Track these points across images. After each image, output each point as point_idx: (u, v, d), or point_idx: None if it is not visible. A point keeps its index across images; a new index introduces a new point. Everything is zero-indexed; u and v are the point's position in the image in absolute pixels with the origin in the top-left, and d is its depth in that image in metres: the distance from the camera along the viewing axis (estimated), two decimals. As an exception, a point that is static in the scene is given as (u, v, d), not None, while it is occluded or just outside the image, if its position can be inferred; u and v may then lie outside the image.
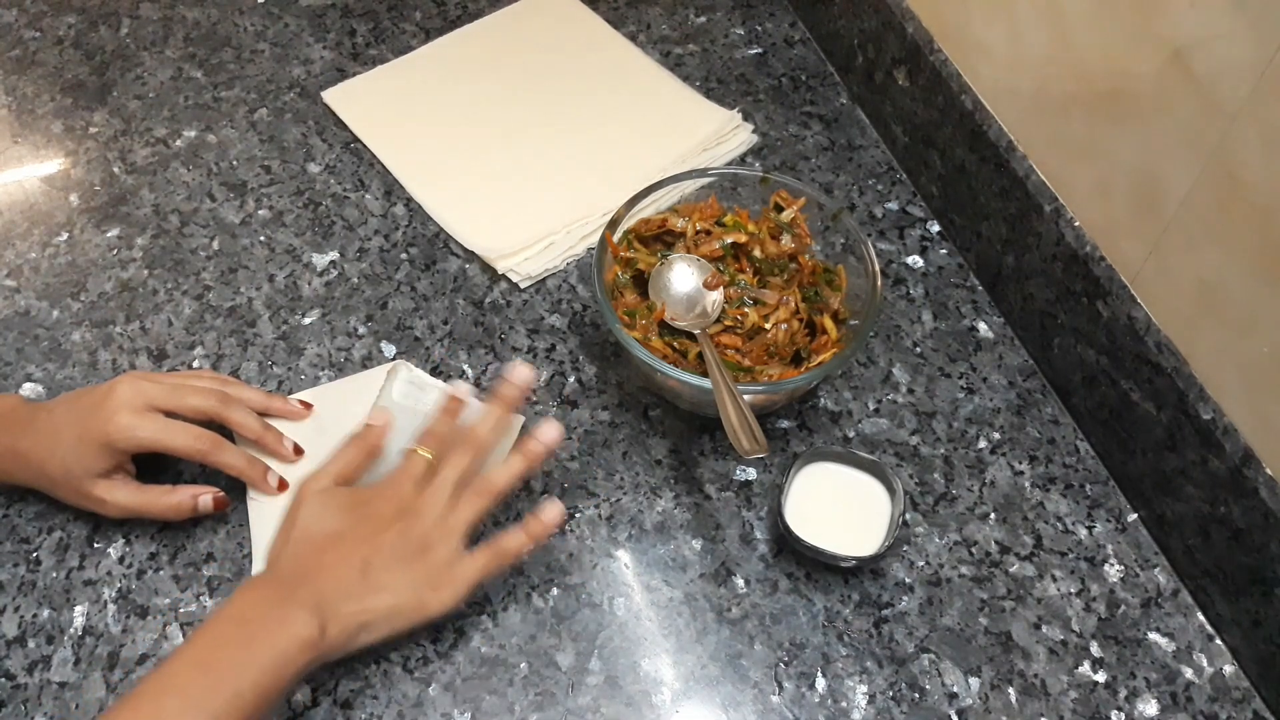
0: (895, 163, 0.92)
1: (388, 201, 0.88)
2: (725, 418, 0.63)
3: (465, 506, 0.61)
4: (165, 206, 0.87)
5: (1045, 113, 0.73)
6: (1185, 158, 0.62)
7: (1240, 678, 0.64)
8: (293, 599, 0.55)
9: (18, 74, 0.98)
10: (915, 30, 0.85)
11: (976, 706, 0.62)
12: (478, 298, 0.82)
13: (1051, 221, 0.73)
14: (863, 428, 0.75)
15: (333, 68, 0.99)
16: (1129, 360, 0.68)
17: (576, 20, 1.03)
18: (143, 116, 0.94)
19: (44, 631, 0.64)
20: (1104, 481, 0.72)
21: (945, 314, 0.81)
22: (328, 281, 0.82)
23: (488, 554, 0.61)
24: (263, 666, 0.53)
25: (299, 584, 0.57)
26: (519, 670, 0.63)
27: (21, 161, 0.91)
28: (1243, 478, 0.60)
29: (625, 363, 0.78)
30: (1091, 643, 0.65)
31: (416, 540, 0.59)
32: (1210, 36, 0.58)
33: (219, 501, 0.67)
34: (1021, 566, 0.68)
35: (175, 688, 0.51)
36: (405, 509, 0.60)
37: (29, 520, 0.69)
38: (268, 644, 0.53)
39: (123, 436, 0.63)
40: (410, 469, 0.62)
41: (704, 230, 0.76)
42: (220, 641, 0.54)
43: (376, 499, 0.61)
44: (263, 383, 0.76)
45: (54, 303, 0.81)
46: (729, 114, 0.94)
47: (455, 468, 0.61)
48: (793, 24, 1.04)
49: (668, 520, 0.70)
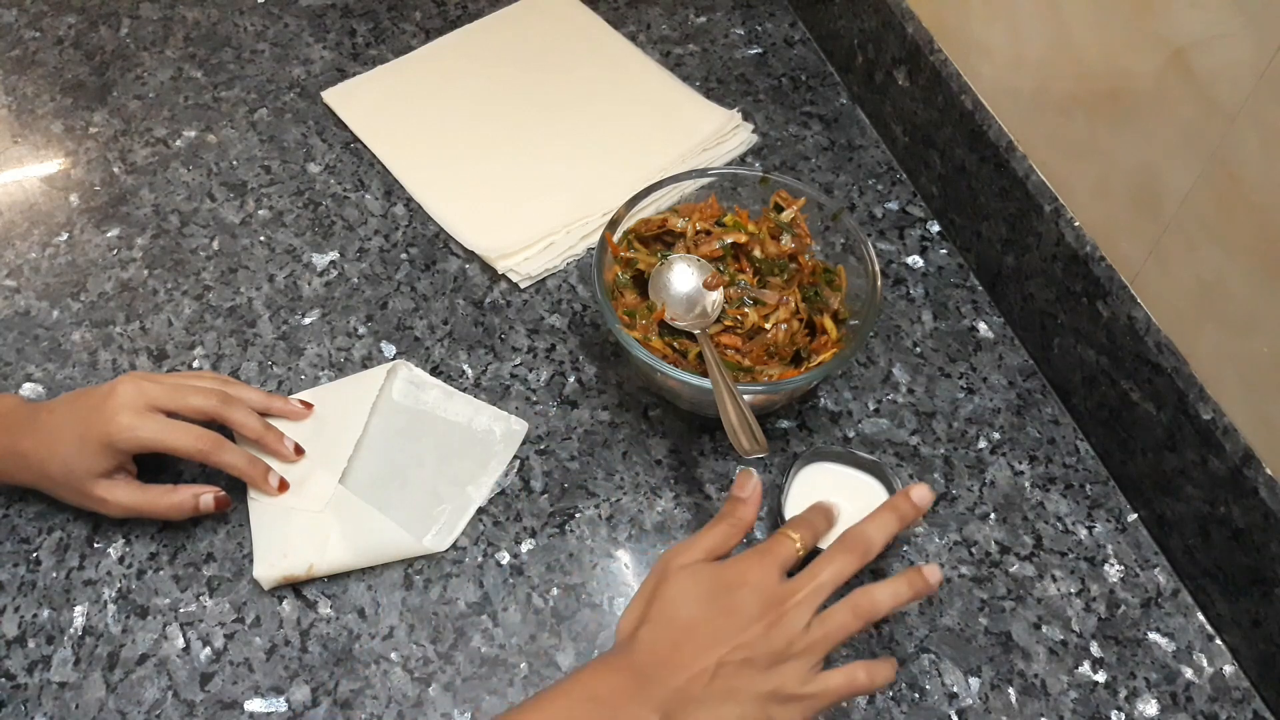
0: (895, 163, 0.92)
1: (388, 201, 0.88)
2: (725, 418, 0.63)
3: (836, 625, 0.54)
4: (165, 206, 0.87)
5: (1045, 113, 0.73)
6: (1185, 158, 0.62)
7: (1240, 678, 0.64)
8: (647, 697, 0.52)
9: (18, 74, 0.98)
10: (915, 30, 0.85)
11: (976, 706, 0.62)
12: (478, 298, 0.82)
13: (1051, 221, 0.73)
14: (863, 428, 0.75)
15: (333, 68, 0.99)
16: (1129, 360, 0.68)
17: (576, 20, 1.03)
18: (143, 116, 0.94)
19: (44, 631, 0.64)
20: (1104, 481, 0.72)
21: (945, 314, 0.81)
22: (328, 281, 0.82)
23: (846, 678, 0.54)
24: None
25: (653, 678, 0.52)
26: (519, 670, 0.63)
27: (21, 161, 0.91)
28: (1243, 478, 0.60)
29: (625, 363, 0.78)
30: (1091, 643, 0.65)
31: (777, 648, 0.53)
32: (1210, 36, 0.58)
33: (220, 501, 0.67)
34: (1021, 566, 0.68)
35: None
36: (770, 605, 0.54)
37: (29, 520, 0.69)
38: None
39: (124, 437, 0.63)
40: (779, 553, 0.56)
41: (704, 230, 0.76)
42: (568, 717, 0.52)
43: (743, 587, 0.55)
44: (263, 383, 0.76)
45: (54, 303, 0.81)
46: (729, 114, 0.94)
47: (835, 571, 0.55)
48: (793, 24, 1.04)
49: (668, 520, 0.70)
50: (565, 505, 0.70)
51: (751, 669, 0.53)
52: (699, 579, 0.55)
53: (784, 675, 0.53)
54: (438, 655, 0.64)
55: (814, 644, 0.53)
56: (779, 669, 0.53)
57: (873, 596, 0.55)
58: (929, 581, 0.56)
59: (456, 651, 0.64)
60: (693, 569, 0.56)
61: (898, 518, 0.57)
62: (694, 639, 0.53)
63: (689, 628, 0.54)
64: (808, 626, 0.53)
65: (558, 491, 0.71)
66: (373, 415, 0.72)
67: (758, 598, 0.54)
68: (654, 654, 0.53)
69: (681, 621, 0.54)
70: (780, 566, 0.56)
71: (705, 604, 0.54)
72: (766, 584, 0.55)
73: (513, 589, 0.66)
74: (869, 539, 0.56)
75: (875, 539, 0.56)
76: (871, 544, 0.56)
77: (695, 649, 0.53)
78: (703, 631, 0.54)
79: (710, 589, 0.55)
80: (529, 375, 0.77)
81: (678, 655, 0.53)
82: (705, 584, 0.55)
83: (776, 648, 0.53)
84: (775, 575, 0.55)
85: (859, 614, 0.54)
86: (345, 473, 0.69)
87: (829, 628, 0.54)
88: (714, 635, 0.53)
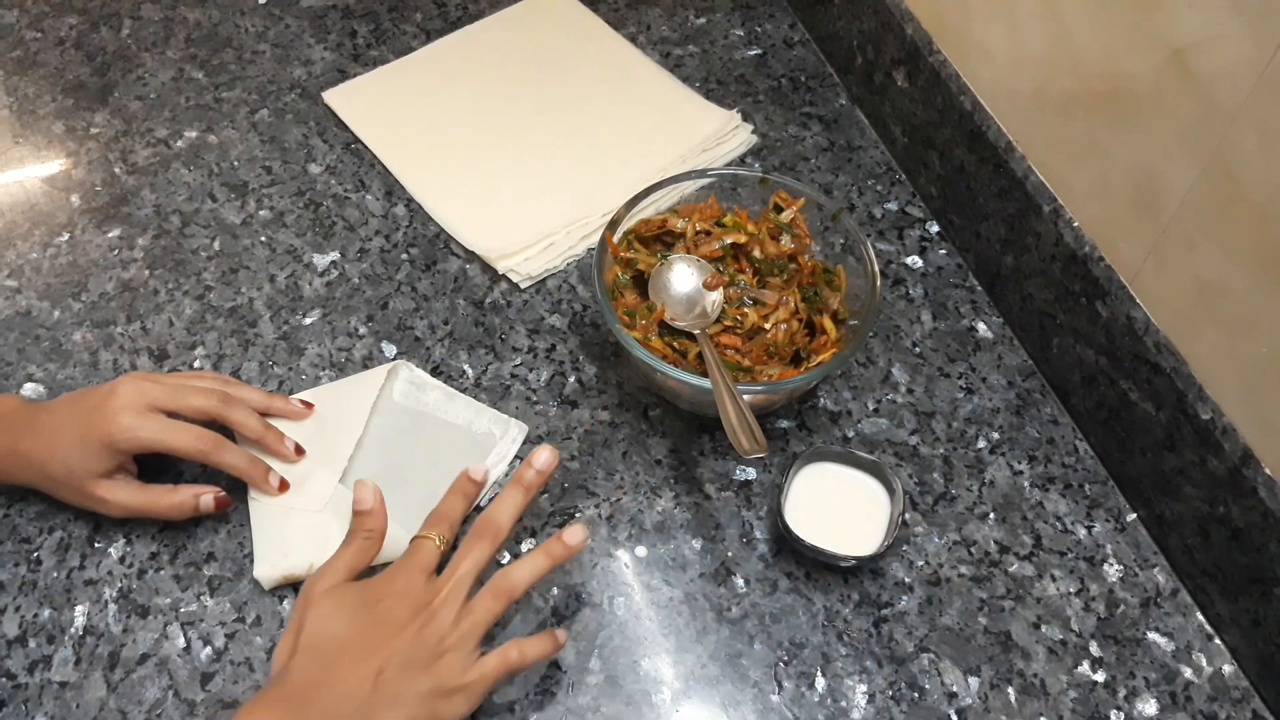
0: (894, 163, 0.92)
1: (388, 202, 0.88)
2: (725, 418, 0.63)
3: (481, 610, 0.57)
4: (166, 207, 0.88)
5: (1044, 113, 0.73)
6: (1185, 158, 0.62)
7: (1239, 677, 0.64)
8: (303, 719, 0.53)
9: (19, 75, 0.98)
10: (914, 31, 0.85)
11: (976, 706, 0.63)
12: (478, 298, 0.82)
13: (1050, 222, 0.73)
14: (862, 428, 0.75)
15: (334, 68, 0.99)
16: (1128, 360, 0.68)
17: (576, 21, 1.03)
18: (144, 117, 0.95)
19: (45, 631, 0.64)
20: (1103, 481, 0.72)
21: (944, 314, 0.81)
22: (328, 282, 0.83)
23: (500, 659, 0.57)
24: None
25: (310, 702, 0.53)
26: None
27: (23, 162, 0.91)
28: (1242, 477, 0.60)
29: (625, 363, 0.78)
30: (1091, 642, 0.65)
31: (432, 644, 0.56)
32: (1210, 36, 0.58)
33: (220, 501, 0.67)
34: (1021, 566, 0.68)
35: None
36: (419, 608, 0.57)
37: (30, 520, 0.69)
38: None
39: (124, 437, 0.63)
40: (420, 559, 0.59)
41: (704, 231, 0.76)
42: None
43: (388, 598, 0.57)
44: (263, 383, 0.76)
45: (55, 303, 0.81)
46: (728, 114, 0.94)
47: (474, 561, 0.58)
48: (792, 25, 1.04)
49: (668, 520, 0.70)
50: (565, 505, 0.70)
51: (411, 671, 0.55)
52: (344, 599, 0.57)
53: (443, 670, 0.55)
54: (438, 655, 0.64)
55: (465, 635, 0.56)
56: (437, 665, 0.55)
57: (510, 576, 0.59)
58: (568, 544, 0.60)
59: (456, 651, 0.64)
60: (336, 591, 0.58)
61: (523, 490, 0.61)
62: (348, 655, 0.55)
63: (341, 646, 0.55)
64: (457, 620, 0.56)
65: (558, 491, 0.71)
66: (373, 415, 0.72)
67: (405, 603, 0.56)
68: (307, 679, 0.54)
69: (333, 642, 0.55)
70: (423, 570, 0.58)
71: (354, 620, 0.56)
72: (412, 589, 0.57)
73: (513, 589, 0.66)
74: (497, 522, 0.60)
75: (503, 520, 0.60)
76: (500, 526, 0.60)
77: (350, 664, 0.54)
78: (356, 646, 0.55)
79: (356, 606, 0.57)
80: (529, 375, 0.77)
81: (332, 675, 0.54)
82: (351, 602, 0.57)
83: (431, 646, 0.55)
84: (420, 579, 0.58)
85: (499, 595, 0.58)
86: (345, 473, 0.69)
87: (475, 616, 0.57)
88: (367, 648, 0.55)
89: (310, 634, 0.56)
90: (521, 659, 0.58)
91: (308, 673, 0.55)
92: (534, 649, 0.59)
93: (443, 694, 0.55)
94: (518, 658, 0.58)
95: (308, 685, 0.54)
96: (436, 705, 0.55)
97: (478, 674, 0.56)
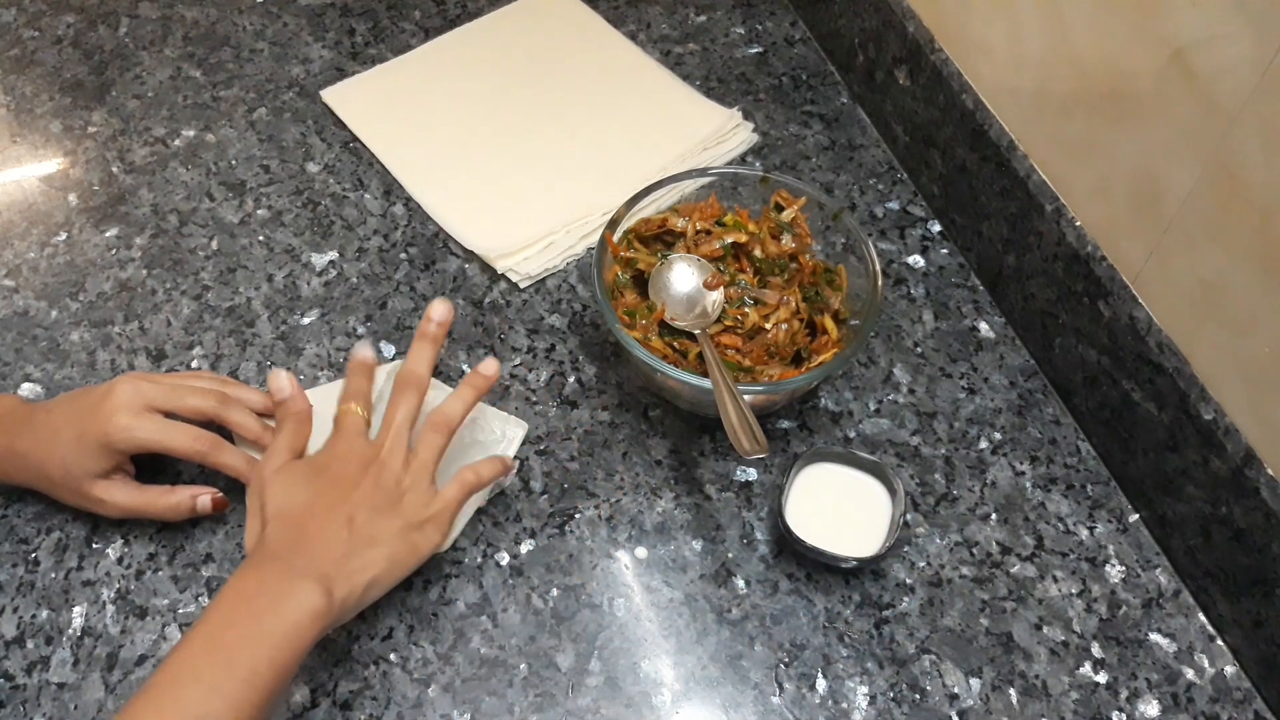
0: (896, 162, 0.92)
1: (387, 201, 0.88)
2: (725, 418, 0.63)
3: (425, 445, 0.62)
4: (164, 206, 0.87)
5: (1046, 112, 0.73)
6: (1186, 158, 0.61)
7: (1242, 678, 0.64)
8: (292, 571, 0.55)
9: (16, 73, 0.98)
10: (916, 29, 0.85)
11: (977, 707, 0.62)
12: (477, 298, 0.81)
13: (1052, 221, 0.73)
14: (863, 428, 0.74)
15: (332, 67, 0.99)
16: (1130, 360, 0.68)
17: (576, 19, 1.03)
18: (141, 116, 0.94)
19: (43, 632, 0.64)
20: (1105, 482, 0.72)
21: (946, 314, 0.81)
22: (327, 281, 0.82)
23: (458, 484, 0.62)
24: (276, 642, 0.52)
25: (295, 555, 0.56)
26: (519, 671, 0.63)
27: (20, 161, 0.91)
28: (1244, 478, 0.60)
29: (625, 363, 0.78)
30: (1093, 643, 0.65)
31: (390, 487, 0.60)
32: (1210, 36, 0.58)
33: (218, 502, 0.67)
34: (1023, 567, 0.68)
35: (190, 675, 0.51)
36: (367, 462, 0.60)
37: (28, 521, 0.68)
38: (278, 619, 0.53)
39: (122, 437, 0.63)
40: (351, 426, 0.63)
41: (704, 230, 0.75)
42: (228, 623, 0.53)
43: (335, 461, 0.61)
44: (262, 383, 0.76)
45: (52, 303, 0.81)
46: (729, 113, 0.93)
47: (405, 411, 0.62)
48: (793, 23, 1.04)
49: (668, 521, 0.70)
50: (565, 506, 0.70)
51: (379, 514, 0.59)
52: (295, 473, 0.61)
53: (407, 507, 0.60)
54: (437, 656, 0.64)
55: (418, 473, 0.61)
56: (400, 505, 0.60)
57: (444, 411, 0.63)
58: (485, 375, 0.65)
59: (456, 652, 0.64)
60: (286, 468, 0.61)
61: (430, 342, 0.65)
62: (316, 515, 0.58)
63: (307, 509, 0.59)
64: (407, 462, 0.61)
65: (557, 492, 0.71)
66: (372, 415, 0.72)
67: (353, 462, 0.61)
68: (284, 543, 0.57)
69: (299, 508, 0.59)
70: (358, 433, 0.63)
71: (310, 486, 0.60)
72: (354, 449, 0.61)
73: (512, 590, 0.66)
74: (416, 373, 0.64)
75: (421, 370, 0.64)
76: (420, 376, 0.64)
77: (321, 521, 0.58)
78: (320, 505, 0.59)
79: (308, 475, 0.61)
80: (529, 375, 0.77)
81: (306, 533, 0.57)
82: (303, 473, 0.61)
83: (389, 489, 0.60)
84: (359, 441, 0.62)
85: (439, 429, 0.63)
86: (344, 473, 0.69)
87: (422, 454, 0.62)
88: (331, 505, 0.59)
89: (274, 507, 0.59)
90: (478, 479, 0.63)
91: (284, 538, 0.57)
92: (487, 469, 0.64)
93: (414, 527, 0.60)
94: (474, 478, 0.63)
95: (289, 545, 0.57)
96: (412, 538, 0.59)
97: (441, 503, 0.61)
